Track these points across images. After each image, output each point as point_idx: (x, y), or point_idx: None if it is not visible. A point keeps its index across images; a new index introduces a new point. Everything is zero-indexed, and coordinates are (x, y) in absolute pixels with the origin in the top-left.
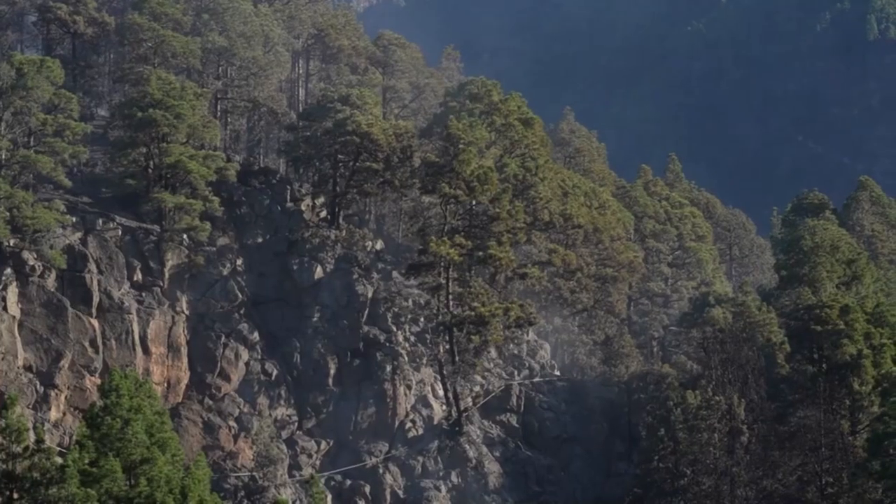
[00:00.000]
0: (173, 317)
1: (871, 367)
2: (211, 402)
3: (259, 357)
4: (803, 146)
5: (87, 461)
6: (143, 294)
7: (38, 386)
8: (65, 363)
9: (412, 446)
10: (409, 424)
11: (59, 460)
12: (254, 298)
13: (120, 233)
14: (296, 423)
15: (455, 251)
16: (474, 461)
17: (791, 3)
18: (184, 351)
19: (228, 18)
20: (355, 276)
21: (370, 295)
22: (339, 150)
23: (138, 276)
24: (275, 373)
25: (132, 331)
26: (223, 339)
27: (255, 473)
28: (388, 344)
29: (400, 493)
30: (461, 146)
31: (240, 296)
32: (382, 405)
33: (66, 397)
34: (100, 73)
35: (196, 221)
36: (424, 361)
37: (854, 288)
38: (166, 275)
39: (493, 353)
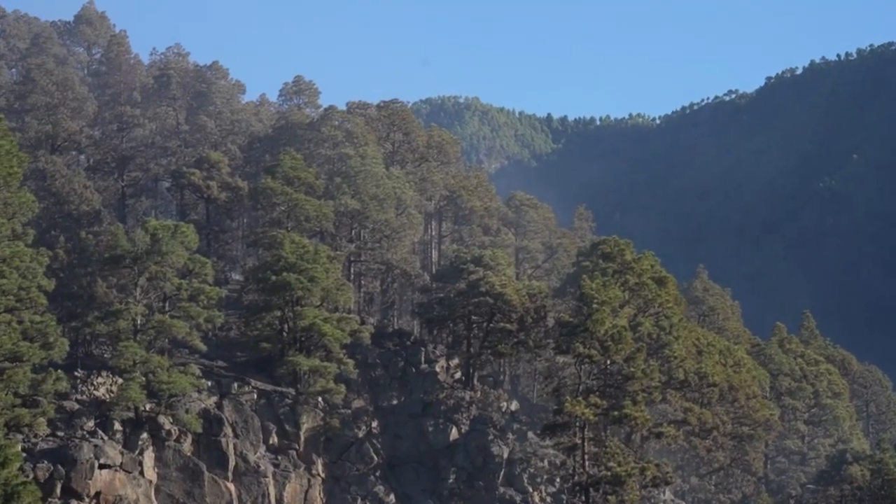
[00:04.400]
0: (309, 479)
1: None
2: None
3: None
4: None
5: None
6: (279, 457)
7: None
8: None
9: None
10: None
11: None
12: (389, 460)
13: (255, 396)
14: None
15: (590, 411)
16: None
17: None
18: None
19: (361, 181)
20: (490, 437)
21: (506, 456)
22: (472, 311)
23: (274, 440)
24: None
25: (268, 494)
26: (359, 501)
27: None
28: None
29: None
30: (595, 306)
31: (375, 458)
32: None
33: None
34: (233, 237)
35: (331, 384)
36: None
37: None
38: (302, 437)
39: None
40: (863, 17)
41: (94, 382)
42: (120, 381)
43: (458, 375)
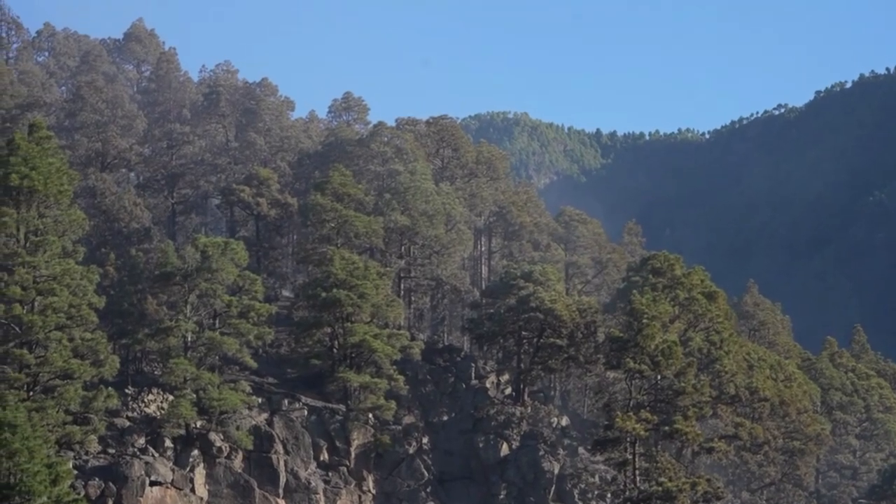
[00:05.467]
0: (360, 496)
1: None
2: None
3: None
4: None
5: None
6: (330, 474)
7: None
8: None
9: None
10: None
11: None
12: (440, 476)
13: (306, 413)
14: None
15: (641, 426)
16: None
17: None
18: None
19: (410, 198)
20: (541, 453)
21: (557, 471)
22: (523, 326)
23: (324, 456)
24: None
25: None
26: None
27: None
28: None
29: None
30: (645, 321)
31: (426, 474)
32: None
33: None
34: (283, 253)
35: (381, 400)
36: None
37: None
38: (352, 454)
39: None
40: None
41: (145, 399)
42: (170, 397)
43: (508, 391)
